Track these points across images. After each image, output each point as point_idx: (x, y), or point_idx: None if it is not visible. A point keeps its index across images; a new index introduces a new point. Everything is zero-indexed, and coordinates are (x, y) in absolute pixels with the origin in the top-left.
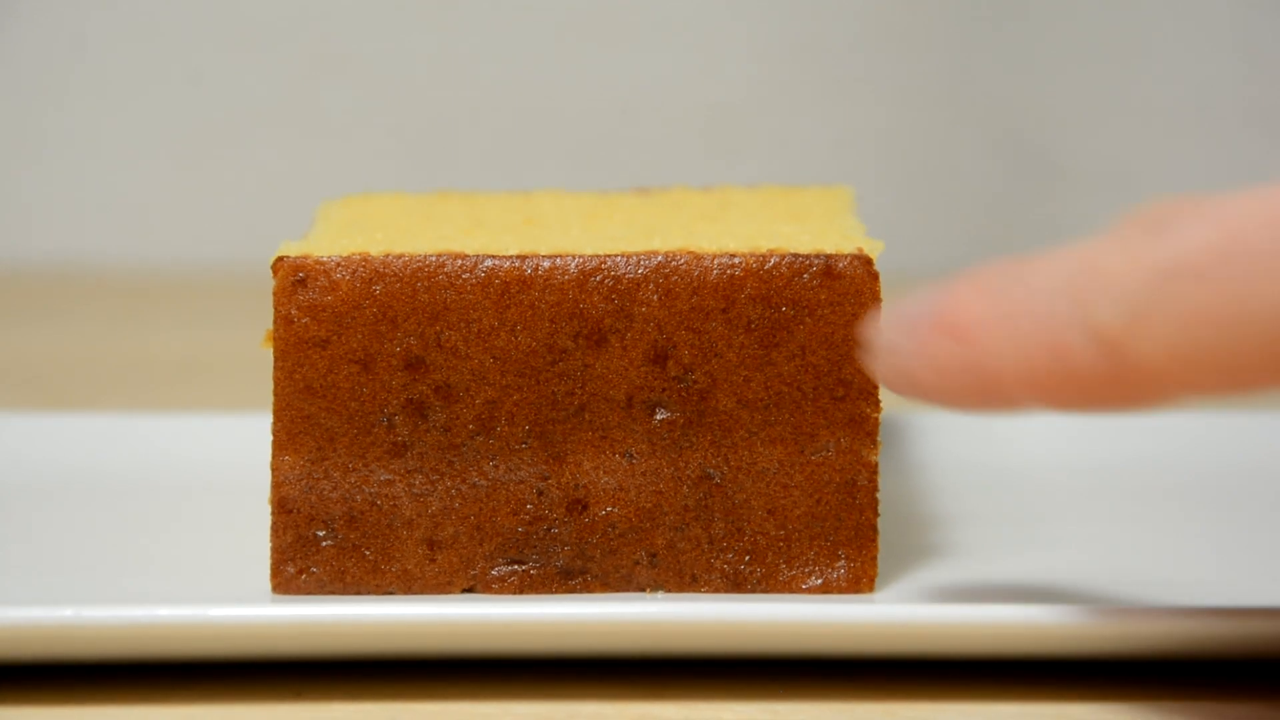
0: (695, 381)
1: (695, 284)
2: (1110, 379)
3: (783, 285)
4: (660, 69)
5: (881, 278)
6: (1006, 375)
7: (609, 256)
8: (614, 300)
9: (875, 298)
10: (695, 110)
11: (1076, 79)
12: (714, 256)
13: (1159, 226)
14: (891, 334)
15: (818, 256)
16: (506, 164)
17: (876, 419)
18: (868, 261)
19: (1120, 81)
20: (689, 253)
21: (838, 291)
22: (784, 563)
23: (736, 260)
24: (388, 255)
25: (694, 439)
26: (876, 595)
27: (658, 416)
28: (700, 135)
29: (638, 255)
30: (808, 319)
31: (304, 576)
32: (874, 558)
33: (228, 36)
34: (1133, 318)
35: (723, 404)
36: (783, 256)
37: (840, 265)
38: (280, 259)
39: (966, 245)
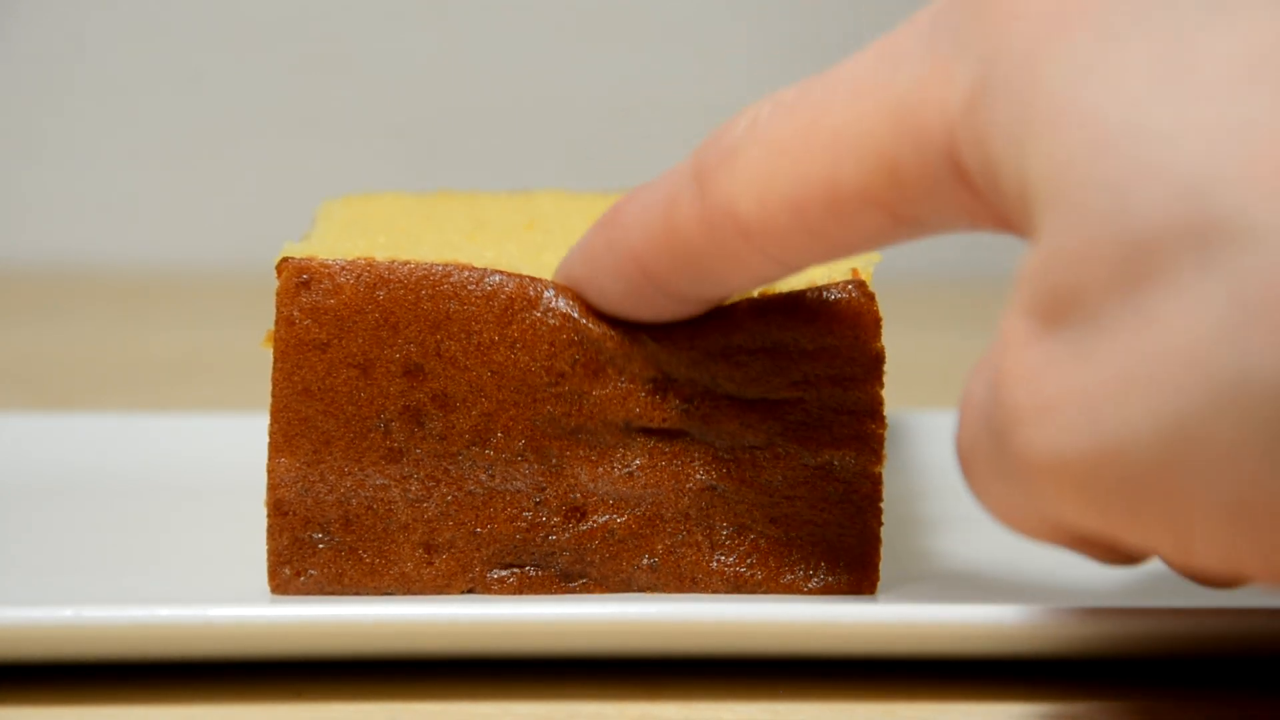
0: (696, 409)
1: (696, 330)
2: (702, 224)
3: (781, 323)
4: (660, 69)
5: (879, 282)
6: (636, 244)
7: None
8: (613, 339)
9: (875, 318)
10: (695, 110)
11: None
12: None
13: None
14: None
15: (812, 292)
16: (506, 164)
17: (882, 435)
18: (862, 285)
19: None
20: None
21: (836, 320)
22: (785, 568)
23: (731, 311)
24: (393, 261)
25: (695, 454)
26: (877, 595)
27: (656, 437)
28: (700, 135)
29: None
30: (808, 351)
31: (301, 579)
32: (876, 564)
33: (228, 36)
34: (727, 154)
35: (726, 425)
36: (777, 299)
37: (834, 295)
38: (284, 260)
39: (966, 245)
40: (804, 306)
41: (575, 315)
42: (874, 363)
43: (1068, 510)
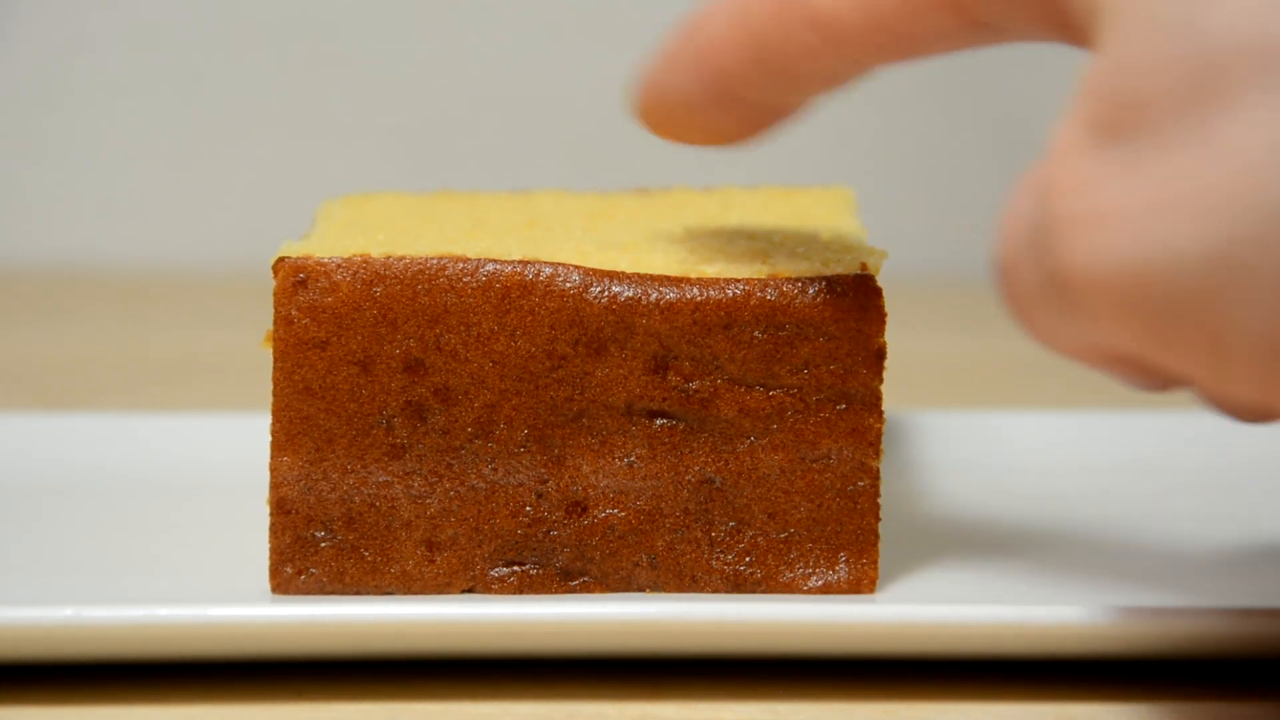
0: (696, 391)
1: (697, 303)
2: (776, 16)
3: (786, 305)
4: None
5: (884, 281)
6: (713, 41)
7: (611, 274)
8: (615, 311)
9: (880, 313)
10: None
11: (1077, 78)
12: (718, 281)
13: None
14: (649, 61)
15: (819, 280)
16: (506, 163)
17: (879, 429)
18: (870, 279)
19: None
20: (694, 279)
21: (842, 310)
22: (785, 565)
23: (739, 284)
24: (389, 257)
25: (694, 445)
26: (877, 595)
27: (657, 423)
28: None
29: (638, 275)
30: (811, 337)
31: (303, 577)
32: (875, 561)
33: (228, 36)
34: None
35: (724, 412)
36: (786, 280)
37: (843, 287)
38: (281, 259)
39: (966, 245)
40: (811, 292)
41: (573, 293)
42: (875, 357)
43: (1107, 327)
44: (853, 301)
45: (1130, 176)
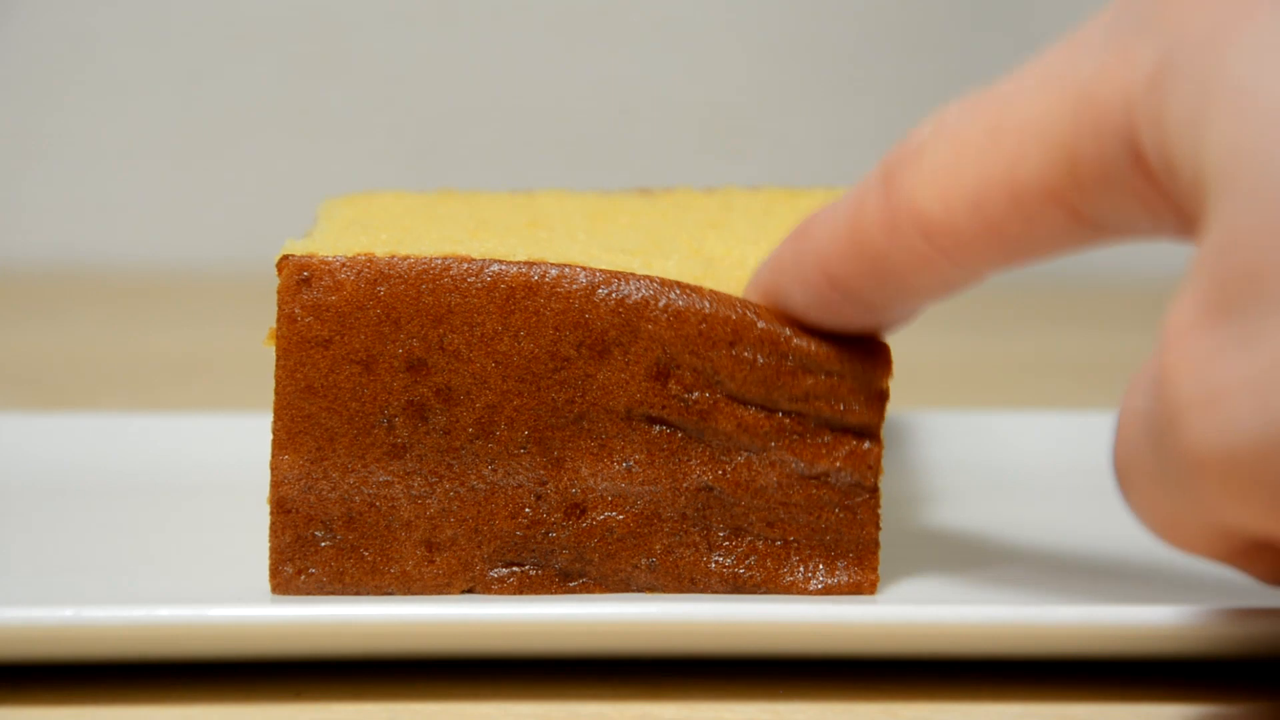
0: (695, 402)
1: (705, 315)
2: (885, 224)
3: (791, 336)
4: (660, 69)
5: None
6: (822, 249)
7: (619, 274)
8: (620, 314)
9: (886, 359)
10: (696, 110)
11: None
12: (730, 298)
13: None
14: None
15: None
16: (507, 163)
17: (879, 452)
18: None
19: None
20: (705, 290)
21: (847, 350)
22: (785, 569)
23: (751, 306)
24: (393, 256)
25: (691, 453)
26: (877, 595)
27: (655, 429)
28: (700, 135)
29: (649, 277)
30: (813, 371)
31: (302, 577)
32: (875, 567)
33: (228, 36)
34: (913, 153)
35: (722, 425)
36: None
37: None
38: (285, 257)
39: None
40: (819, 329)
41: (580, 295)
42: (878, 398)
43: (1235, 509)
44: (860, 343)
45: (1248, 349)
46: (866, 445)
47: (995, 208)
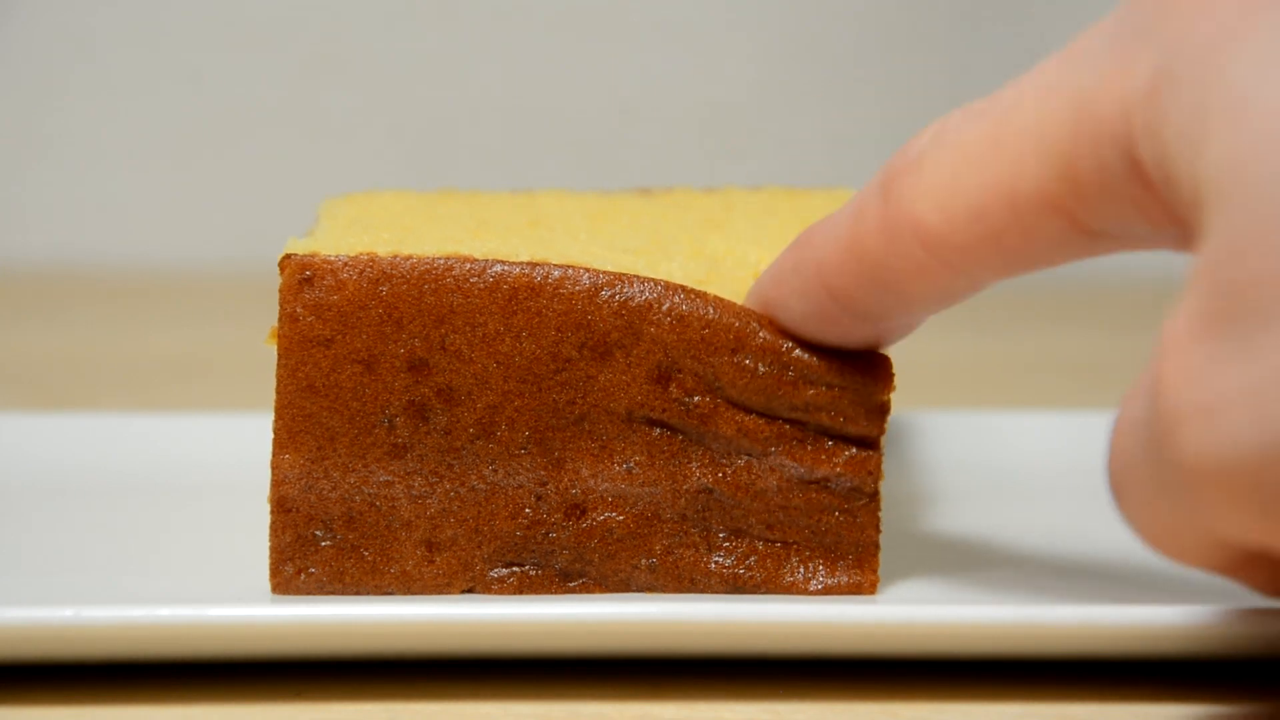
0: (696, 406)
1: (708, 320)
2: (884, 233)
3: (792, 348)
4: (661, 69)
5: None
6: (821, 260)
7: (623, 276)
8: (623, 316)
9: (888, 374)
10: (696, 110)
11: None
12: (734, 305)
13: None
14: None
15: None
16: (507, 163)
17: (879, 459)
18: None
19: None
20: (709, 295)
21: (848, 364)
22: (785, 570)
23: (754, 316)
24: (395, 256)
25: (692, 455)
26: (877, 595)
27: (656, 432)
28: (701, 135)
29: (653, 280)
30: (814, 383)
31: (303, 577)
32: (875, 568)
33: (228, 36)
34: (913, 162)
35: (722, 430)
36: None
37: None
38: (287, 256)
39: None
40: (819, 343)
41: (583, 296)
42: (878, 411)
43: (1232, 521)
44: (863, 356)
45: (1245, 360)
46: (868, 452)
47: (995, 217)
